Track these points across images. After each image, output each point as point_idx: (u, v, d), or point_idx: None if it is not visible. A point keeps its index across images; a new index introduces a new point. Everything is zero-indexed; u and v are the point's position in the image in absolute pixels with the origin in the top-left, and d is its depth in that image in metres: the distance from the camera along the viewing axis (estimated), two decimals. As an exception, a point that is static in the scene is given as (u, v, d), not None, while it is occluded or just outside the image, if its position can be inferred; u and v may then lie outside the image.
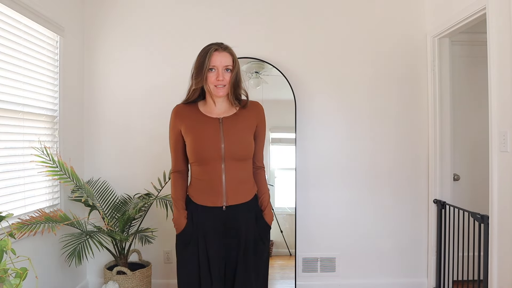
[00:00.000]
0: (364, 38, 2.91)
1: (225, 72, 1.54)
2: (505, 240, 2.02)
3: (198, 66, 1.56)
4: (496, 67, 2.08)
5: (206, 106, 1.63)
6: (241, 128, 1.59)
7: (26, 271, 1.29)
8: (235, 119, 1.61)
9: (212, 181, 1.54)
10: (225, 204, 1.54)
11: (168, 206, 2.53)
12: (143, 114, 2.88)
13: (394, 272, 2.92)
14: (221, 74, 1.52)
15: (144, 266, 2.61)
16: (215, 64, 1.52)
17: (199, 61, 1.56)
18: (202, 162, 1.55)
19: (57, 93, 2.53)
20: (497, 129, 2.07)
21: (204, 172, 1.55)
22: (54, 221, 2.09)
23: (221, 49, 1.55)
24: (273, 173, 2.92)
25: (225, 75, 1.54)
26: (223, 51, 1.55)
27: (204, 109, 1.63)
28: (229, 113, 1.62)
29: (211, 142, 1.54)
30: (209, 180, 1.54)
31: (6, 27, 2.01)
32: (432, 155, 2.84)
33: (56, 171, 2.32)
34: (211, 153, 1.53)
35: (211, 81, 1.54)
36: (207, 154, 1.53)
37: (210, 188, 1.54)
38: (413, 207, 2.92)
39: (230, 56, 1.56)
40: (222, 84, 1.53)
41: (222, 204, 1.53)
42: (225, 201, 1.54)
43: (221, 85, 1.53)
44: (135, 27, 2.89)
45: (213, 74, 1.53)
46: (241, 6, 2.91)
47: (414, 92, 2.92)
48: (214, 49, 1.54)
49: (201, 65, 1.55)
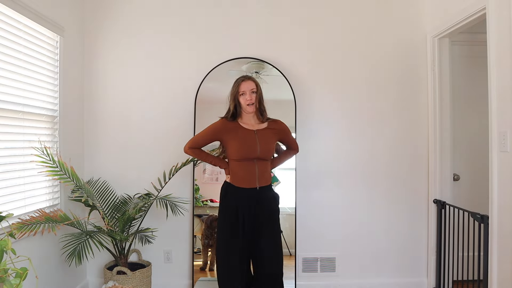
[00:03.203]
0: (364, 38, 2.92)
1: (252, 94, 2.18)
2: (505, 240, 2.02)
3: (233, 93, 2.21)
4: (496, 67, 2.08)
5: (243, 122, 2.24)
6: (268, 138, 2.22)
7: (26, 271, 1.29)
8: (265, 131, 2.24)
9: (250, 172, 2.16)
10: (258, 185, 2.17)
11: (169, 206, 2.53)
12: (143, 114, 2.89)
13: (394, 272, 2.92)
14: (249, 95, 2.17)
15: (144, 266, 2.61)
16: (244, 90, 2.18)
17: (233, 90, 2.21)
18: (243, 159, 2.16)
19: (57, 93, 2.53)
20: (497, 129, 2.08)
21: (243, 166, 2.17)
22: (54, 221, 2.09)
23: (247, 79, 2.21)
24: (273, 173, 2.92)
25: (252, 96, 2.18)
26: (248, 80, 2.20)
27: (243, 123, 2.24)
28: (261, 126, 2.25)
29: (250, 146, 2.15)
30: (248, 171, 2.16)
31: (6, 27, 2.01)
32: (432, 155, 2.84)
33: (56, 171, 2.32)
34: (251, 154, 2.15)
35: (244, 102, 2.18)
36: (248, 154, 2.15)
37: (249, 176, 2.16)
38: (413, 207, 2.92)
39: (253, 83, 2.21)
40: (251, 102, 2.18)
41: (256, 186, 2.17)
42: (258, 184, 2.17)
43: (251, 103, 2.18)
44: (135, 27, 2.89)
45: (244, 97, 2.18)
46: (241, 6, 2.91)
47: (414, 92, 2.92)
48: (242, 80, 2.21)
49: (234, 92, 2.20)
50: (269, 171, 2.27)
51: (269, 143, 2.22)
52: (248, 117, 2.24)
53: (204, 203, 2.86)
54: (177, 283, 2.88)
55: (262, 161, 2.20)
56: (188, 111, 2.87)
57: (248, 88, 2.17)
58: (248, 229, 2.16)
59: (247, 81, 2.19)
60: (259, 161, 2.18)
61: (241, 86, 2.18)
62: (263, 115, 2.27)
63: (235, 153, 2.16)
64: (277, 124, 2.31)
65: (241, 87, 2.18)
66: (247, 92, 2.17)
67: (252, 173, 2.17)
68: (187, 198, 2.80)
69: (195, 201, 2.84)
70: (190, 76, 2.87)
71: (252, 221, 2.16)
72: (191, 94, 2.87)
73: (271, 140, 2.25)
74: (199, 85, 2.85)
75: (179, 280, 2.89)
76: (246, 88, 2.17)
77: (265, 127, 2.26)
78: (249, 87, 2.18)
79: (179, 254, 2.90)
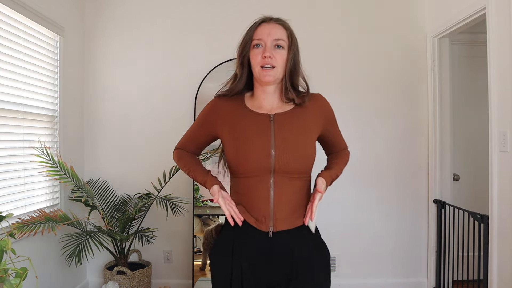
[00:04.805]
0: (364, 38, 2.91)
1: (275, 49, 1.15)
2: (505, 240, 2.02)
3: (242, 42, 1.20)
4: (496, 67, 2.08)
5: (253, 100, 1.23)
6: (299, 130, 1.18)
7: (26, 271, 1.29)
8: (292, 116, 1.19)
9: (257, 199, 1.15)
10: (272, 228, 1.15)
11: (169, 206, 2.53)
12: (143, 114, 2.89)
13: (394, 272, 2.92)
14: (268, 50, 1.14)
15: (144, 266, 2.61)
16: (261, 38, 1.15)
17: (244, 37, 1.20)
18: (243, 174, 1.17)
19: (57, 93, 2.53)
20: (497, 129, 2.07)
21: (247, 187, 1.17)
22: (54, 221, 2.09)
23: (272, 21, 1.18)
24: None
25: (274, 53, 1.15)
26: (274, 23, 1.18)
27: (251, 103, 1.23)
28: (284, 108, 1.20)
29: (256, 147, 1.14)
30: (254, 197, 1.16)
31: (6, 27, 2.01)
32: (432, 155, 2.84)
33: (56, 171, 2.32)
34: (256, 163, 1.13)
35: (256, 61, 1.15)
36: (250, 163, 1.14)
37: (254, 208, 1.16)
38: (413, 207, 2.92)
39: (283, 29, 1.18)
40: (270, 63, 1.14)
41: (269, 228, 1.14)
42: (272, 224, 1.15)
43: (269, 66, 1.14)
44: (135, 27, 2.88)
45: (259, 51, 1.15)
46: (241, 6, 2.91)
47: (414, 92, 2.92)
48: (262, 20, 1.19)
49: (245, 41, 1.19)
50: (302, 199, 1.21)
51: (298, 141, 1.17)
52: (264, 93, 1.22)
53: (204, 203, 2.86)
54: (177, 283, 2.88)
55: (286, 177, 1.16)
56: (188, 111, 2.87)
57: (269, 36, 1.15)
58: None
59: (271, 23, 1.19)
60: (280, 178, 1.15)
61: (257, 31, 1.17)
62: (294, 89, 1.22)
63: (230, 162, 1.20)
64: (318, 101, 1.27)
65: (258, 31, 1.17)
66: (267, 42, 1.15)
67: (262, 202, 1.15)
68: (187, 198, 2.79)
69: (195, 201, 2.84)
70: (190, 76, 2.87)
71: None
72: (191, 94, 2.87)
73: (305, 135, 1.20)
74: (199, 85, 2.85)
75: (179, 280, 2.89)
76: (265, 35, 1.16)
77: (292, 108, 1.21)
78: (272, 34, 1.16)
79: (179, 254, 2.90)
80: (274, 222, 1.15)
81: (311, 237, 1.23)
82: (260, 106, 1.22)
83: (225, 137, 1.22)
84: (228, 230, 1.20)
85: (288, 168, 1.15)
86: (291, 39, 1.19)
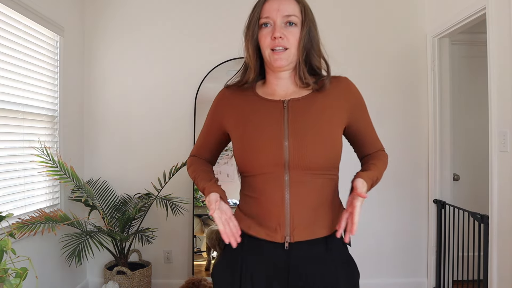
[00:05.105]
0: (364, 38, 2.91)
1: (286, 28, 0.98)
2: (505, 240, 2.02)
3: (248, 23, 1.04)
4: (496, 67, 2.08)
5: (265, 86, 1.08)
6: (319, 117, 1.00)
7: (26, 271, 1.29)
8: (310, 102, 1.02)
9: (270, 203, 0.97)
10: (288, 238, 0.96)
11: (168, 206, 2.53)
12: (143, 113, 2.89)
13: (394, 272, 2.92)
14: (278, 29, 0.97)
15: (144, 266, 2.61)
16: (269, 15, 0.98)
17: (250, 16, 1.04)
18: (252, 171, 1.00)
19: (57, 93, 2.53)
20: (497, 129, 2.07)
21: (255, 187, 1.00)
22: (54, 221, 2.09)
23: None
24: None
25: (285, 32, 0.98)
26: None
27: (263, 90, 1.08)
28: (300, 94, 1.03)
29: (266, 137, 0.98)
30: (265, 201, 0.98)
31: (6, 27, 2.01)
32: (432, 155, 2.84)
33: (56, 171, 2.32)
34: (266, 155, 0.97)
35: (265, 43, 0.99)
36: (258, 157, 0.97)
37: (265, 214, 0.98)
38: (413, 207, 2.92)
39: (294, 3, 1.00)
40: (281, 45, 0.98)
41: (284, 239, 0.96)
42: (288, 233, 0.96)
43: (280, 48, 0.98)
44: (135, 27, 2.89)
45: (268, 31, 0.99)
46: (241, 6, 2.90)
47: (414, 92, 2.92)
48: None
49: (251, 21, 1.02)
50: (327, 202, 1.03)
51: (320, 129, 0.99)
52: (278, 79, 1.06)
53: (204, 203, 2.86)
54: (177, 283, 2.88)
55: (305, 174, 0.97)
56: (188, 111, 2.87)
57: (278, 12, 0.98)
58: None
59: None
60: (297, 175, 0.97)
61: (264, 7, 1.00)
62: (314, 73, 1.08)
63: (237, 157, 1.04)
64: (341, 83, 1.11)
65: (265, 8, 1.00)
66: (277, 20, 0.98)
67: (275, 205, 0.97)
68: (187, 198, 2.79)
69: (195, 201, 2.84)
70: (190, 76, 2.87)
71: None
72: (191, 94, 2.87)
73: (329, 122, 1.01)
74: (199, 85, 2.85)
75: (179, 280, 2.89)
76: (273, 12, 0.98)
77: (310, 93, 1.04)
78: (281, 10, 0.98)
79: (179, 254, 2.90)
80: (291, 230, 0.95)
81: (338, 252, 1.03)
82: (272, 93, 1.05)
83: (232, 129, 1.06)
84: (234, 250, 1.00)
85: (306, 162, 0.95)
86: (304, 14, 1.01)
